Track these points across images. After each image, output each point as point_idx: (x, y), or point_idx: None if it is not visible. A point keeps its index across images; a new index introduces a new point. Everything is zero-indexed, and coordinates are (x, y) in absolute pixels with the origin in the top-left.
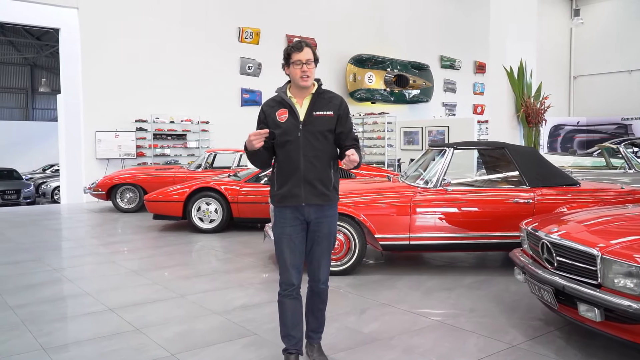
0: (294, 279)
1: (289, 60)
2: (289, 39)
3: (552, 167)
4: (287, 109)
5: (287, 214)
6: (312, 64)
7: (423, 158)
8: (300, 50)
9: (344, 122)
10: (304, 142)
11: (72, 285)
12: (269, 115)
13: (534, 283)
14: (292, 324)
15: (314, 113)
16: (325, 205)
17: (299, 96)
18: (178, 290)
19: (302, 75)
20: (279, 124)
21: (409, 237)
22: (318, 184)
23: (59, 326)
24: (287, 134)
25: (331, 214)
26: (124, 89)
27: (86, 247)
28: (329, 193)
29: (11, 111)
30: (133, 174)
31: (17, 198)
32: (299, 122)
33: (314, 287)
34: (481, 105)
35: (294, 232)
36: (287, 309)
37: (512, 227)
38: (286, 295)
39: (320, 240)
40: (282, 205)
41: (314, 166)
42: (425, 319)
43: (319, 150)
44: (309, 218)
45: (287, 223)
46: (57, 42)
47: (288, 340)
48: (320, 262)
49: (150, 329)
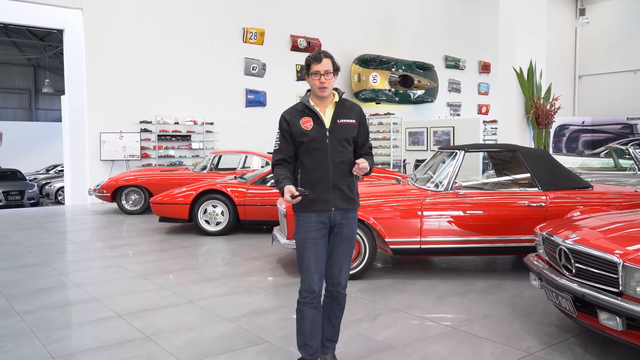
0: (316, 285)
1: (309, 70)
2: (293, 40)
3: (565, 169)
4: (312, 117)
5: (311, 219)
6: (330, 74)
7: (432, 161)
8: (319, 62)
9: (362, 130)
10: (331, 148)
11: (79, 290)
12: (292, 124)
13: (551, 290)
14: (310, 334)
15: (338, 121)
16: (350, 209)
17: (321, 105)
18: (187, 296)
19: (319, 86)
20: (305, 131)
21: (420, 240)
22: (346, 189)
23: (68, 333)
24: (315, 141)
25: (353, 216)
26: (128, 89)
27: (92, 251)
28: (354, 197)
29: (15, 112)
30: (138, 176)
31: (21, 199)
32: (326, 130)
33: (334, 292)
34: (486, 105)
35: (317, 236)
36: (307, 318)
37: (524, 231)
38: (307, 303)
39: (342, 243)
40: (310, 210)
41: (341, 172)
42: (439, 326)
43: (344, 156)
44: (333, 222)
45: (311, 227)
46: (61, 43)
47: (305, 351)
48: (342, 265)
49: (160, 337)
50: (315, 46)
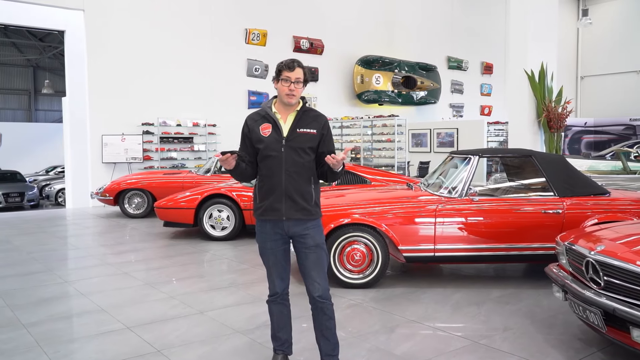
0: (277, 288)
1: (279, 76)
2: (296, 41)
3: (581, 175)
4: (271, 124)
5: (267, 228)
6: (300, 83)
7: (444, 165)
8: (292, 70)
9: (327, 141)
10: (286, 157)
11: (85, 300)
12: (252, 129)
13: (578, 304)
14: (278, 326)
15: (297, 130)
16: (306, 219)
17: (283, 112)
18: (196, 306)
19: (288, 92)
20: (262, 138)
21: (434, 248)
22: (299, 198)
23: (76, 347)
24: (269, 149)
25: (313, 225)
26: (130, 91)
27: (97, 257)
28: (310, 207)
29: (14, 113)
30: (140, 179)
31: (21, 201)
32: (282, 138)
33: (315, 303)
34: (488, 107)
35: (275, 246)
36: (274, 313)
37: (540, 239)
38: (272, 300)
39: (308, 253)
40: (264, 219)
41: (295, 181)
42: (459, 339)
43: (300, 166)
44: (289, 232)
45: (267, 237)
46: (60, 44)
47: (275, 341)
48: (313, 276)
49: (172, 351)
50: (318, 47)
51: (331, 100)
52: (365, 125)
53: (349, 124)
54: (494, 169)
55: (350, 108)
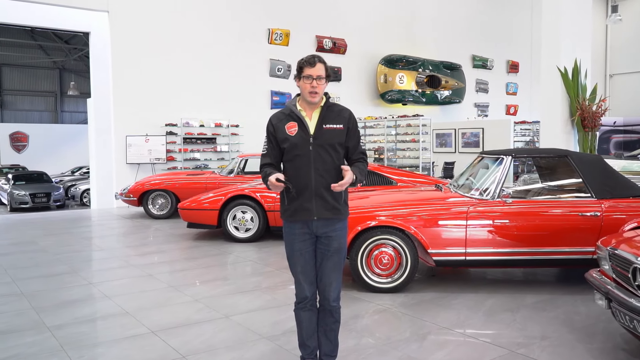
0: (307, 292)
1: (301, 73)
2: (319, 40)
3: (620, 176)
4: (297, 122)
5: (296, 229)
6: (322, 80)
7: (474, 166)
8: (313, 66)
9: (352, 135)
10: (314, 155)
11: (110, 303)
12: (278, 129)
13: (624, 313)
14: (307, 334)
15: (324, 126)
16: (335, 218)
17: (308, 109)
18: (222, 310)
19: (310, 90)
20: (289, 137)
21: (465, 252)
22: (329, 197)
23: (101, 352)
24: (297, 148)
25: (340, 227)
26: (154, 92)
27: (121, 258)
28: (339, 207)
29: (40, 114)
30: (164, 180)
31: (47, 201)
32: (309, 136)
33: (325, 305)
34: (514, 106)
35: (303, 247)
36: (303, 320)
37: (577, 242)
38: (301, 307)
39: (331, 255)
40: (293, 220)
41: (325, 180)
42: (494, 347)
43: (329, 164)
44: (317, 232)
45: (296, 239)
46: (85, 46)
47: (304, 349)
48: (331, 279)
49: (197, 357)
50: (341, 47)
51: (354, 100)
52: (389, 125)
53: (373, 124)
54: (520, 169)
55: (374, 108)
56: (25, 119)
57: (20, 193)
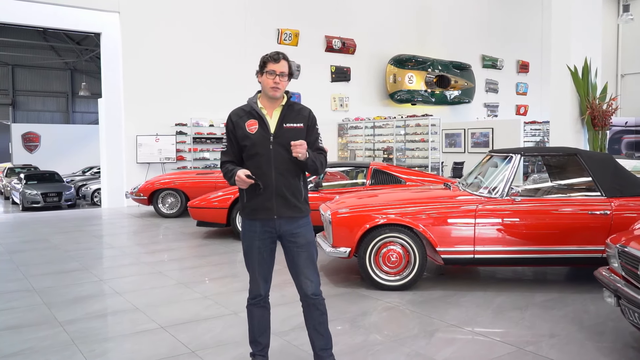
0: (261, 290)
1: (264, 68)
2: (328, 40)
3: (630, 175)
4: (257, 120)
5: (257, 227)
6: (285, 77)
7: (483, 165)
8: (277, 62)
9: (311, 132)
10: (275, 154)
11: (120, 299)
12: (237, 125)
13: (633, 310)
14: (258, 330)
15: (284, 125)
16: (297, 217)
17: (269, 107)
18: (230, 307)
19: (273, 85)
20: (249, 135)
21: (474, 250)
22: (290, 196)
23: (111, 346)
24: (257, 146)
25: (303, 223)
26: (164, 92)
27: (131, 256)
28: (300, 205)
29: (52, 115)
30: (174, 179)
31: (59, 200)
32: (270, 135)
33: (307, 300)
34: (524, 106)
35: (262, 245)
36: (255, 316)
37: (586, 241)
38: (254, 304)
39: (301, 252)
40: (253, 218)
41: (285, 178)
42: (503, 345)
43: (290, 163)
44: (280, 231)
45: (256, 236)
46: (97, 47)
47: (255, 346)
48: (307, 274)
49: (206, 352)
50: (350, 47)
51: (363, 100)
52: (398, 125)
53: (382, 123)
54: (530, 169)
55: (383, 108)
56: (37, 119)
57: (32, 192)
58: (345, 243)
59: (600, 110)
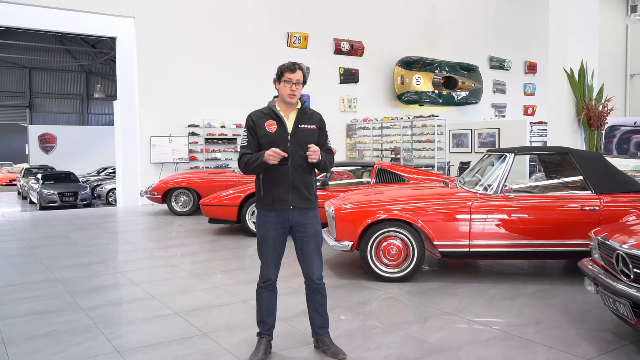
0: (272, 275)
1: (281, 77)
2: (336, 43)
3: (619, 172)
4: (276, 121)
5: (272, 218)
6: (300, 85)
7: (481, 163)
8: (293, 72)
9: (321, 134)
10: (292, 151)
11: (137, 289)
12: (258, 124)
13: (608, 296)
14: (267, 312)
15: (299, 126)
16: (309, 208)
17: (285, 110)
18: (239, 295)
19: (290, 93)
20: (268, 133)
21: (469, 244)
22: (303, 189)
23: (131, 329)
24: (277, 144)
25: (313, 215)
26: (178, 94)
27: (146, 250)
28: (311, 197)
29: (68, 116)
30: (187, 178)
31: (75, 200)
32: (287, 134)
33: (311, 284)
34: (532, 107)
35: (276, 234)
36: (264, 298)
37: (576, 235)
38: (264, 287)
39: (309, 240)
40: (270, 209)
41: (300, 173)
42: (490, 329)
43: (304, 159)
44: (292, 222)
45: (271, 227)
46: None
47: (262, 326)
48: (313, 261)
49: (217, 334)
50: (358, 49)
51: (371, 101)
52: (405, 125)
53: (389, 124)
54: (537, 168)
55: (391, 109)
56: (53, 121)
57: (49, 192)
58: (348, 237)
59: (596, 111)
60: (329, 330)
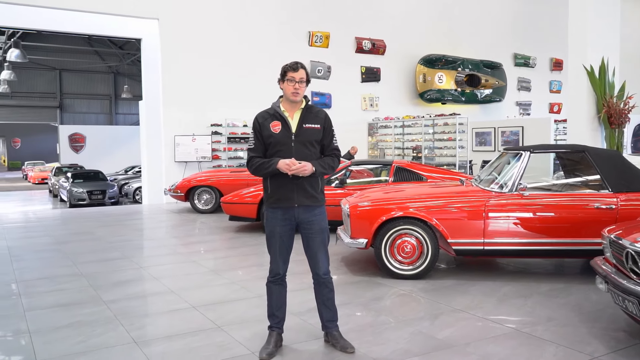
0: (280, 269)
1: (285, 77)
2: (358, 42)
3: (638, 171)
4: (280, 121)
5: (278, 215)
6: (304, 83)
7: (497, 162)
8: (296, 71)
9: (327, 133)
10: (296, 150)
11: (157, 283)
12: (263, 126)
13: (617, 293)
14: (276, 305)
15: (304, 125)
16: (314, 205)
17: (290, 110)
18: (255, 291)
19: (293, 91)
20: (273, 134)
21: (483, 242)
22: (308, 187)
23: (149, 321)
24: (281, 144)
25: (319, 212)
26: (201, 94)
27: (168, 247)
28: (317, 195)
29: (97, 116)
30: (209, 177)
31: (103, 198)
32: (291, 133)
33: (318, 279)
34: (558, 104)
35: (283, 231)
36: (273, 292)
37: (592, 234)
38: (274, 281)
39: (315, 237)
40: (276, 207)
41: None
42: (501, 327)
43: (308, 158)
44: (298, 218)
45: (277, 223)
46: (138, 51)
47: (273, 319)
48: (318, 256)
49: (231, 327)
50: (380, 47)
51: (393, 99)
52: (426, 124)
53: (411, 123)
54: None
55: (413, 107)
56: (82, 121)
57: (78, 190)
58: (363, 234)
59: (617, 108)
60: (338, 324)
